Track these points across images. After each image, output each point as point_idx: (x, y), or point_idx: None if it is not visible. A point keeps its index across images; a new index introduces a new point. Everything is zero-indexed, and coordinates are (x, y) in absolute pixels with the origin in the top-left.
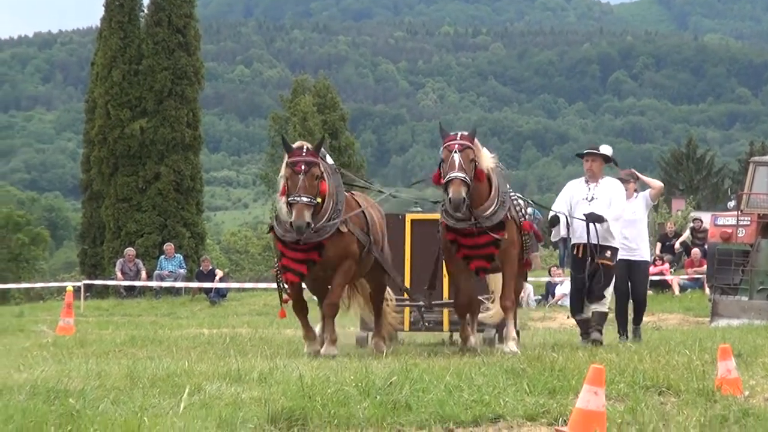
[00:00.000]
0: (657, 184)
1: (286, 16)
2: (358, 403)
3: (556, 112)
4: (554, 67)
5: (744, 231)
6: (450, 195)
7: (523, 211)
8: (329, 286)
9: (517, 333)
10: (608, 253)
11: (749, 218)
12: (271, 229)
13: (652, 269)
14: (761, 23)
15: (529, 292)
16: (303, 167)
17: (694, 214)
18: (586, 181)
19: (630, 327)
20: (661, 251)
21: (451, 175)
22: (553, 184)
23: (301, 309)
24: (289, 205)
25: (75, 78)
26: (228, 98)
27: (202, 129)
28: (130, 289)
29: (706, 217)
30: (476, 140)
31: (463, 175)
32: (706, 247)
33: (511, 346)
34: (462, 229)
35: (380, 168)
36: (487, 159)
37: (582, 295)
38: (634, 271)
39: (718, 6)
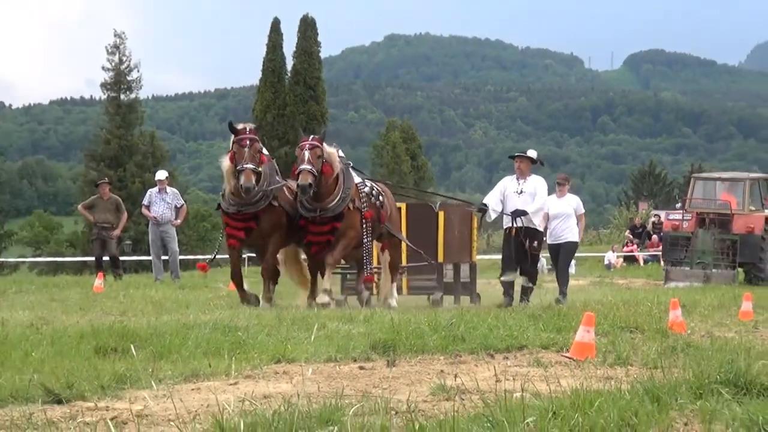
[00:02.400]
0: (581, 228)
1: (382, 78)
2: (429, 336)
3: (562, 143)
4: (560, 113)
5: (687, 223)
6: (299, 182)
7: (377, 200)
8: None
9: (478, 296)
10: (535, 243)
11: (690, 215)
12: (218, 206)
13: (624, 249)
14: (699, 84)
15: (543, 263)
16: (247, 142)
17: (654, 212)
18: (517, 178)
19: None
20: (632, 237)
21: (301, 167)
22: None
23: (239, 279)
24: (238, 172)
25: (241, 119)
26: (343, 133)
27: None
28: None
29: (662, 214)
30: (324, 143)
31: (310, 167)
32: (661, 234)
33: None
34: (309, 218)
35: (444, 180)
36: (336, 159)
37: (508, 263)
38: (561, 250)
39: (670, 73)
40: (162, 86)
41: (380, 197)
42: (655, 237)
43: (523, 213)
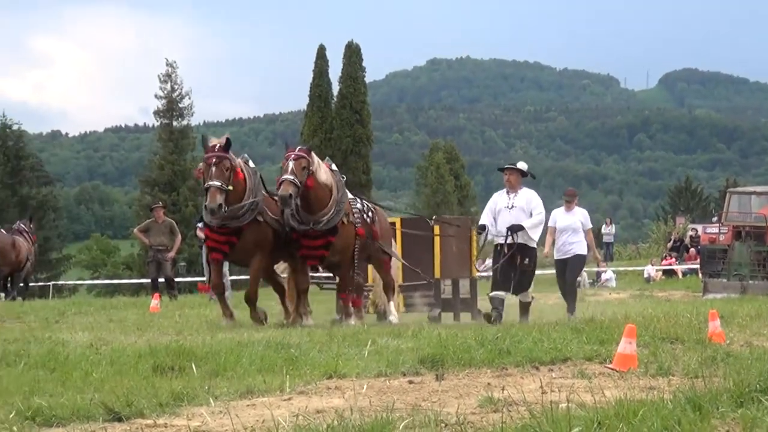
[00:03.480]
0: (594, 252)
1: (425, 101)
2: (476, 350)
3: (600, 161)
4: (598, 132)
5: (723, 236)
6: (279, 192)
7: (368, 216)
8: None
9: (479, 312)
10: (527, 260)
11: (727, 228)
12: (201, 219)
13: (663, 262)
14: (732, 101)
15: (584, 277)
16: (214, 160)
17: (691, 226)
18: (507, 192)
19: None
20: (670, 250)
21: (283, 177)
22: (597, 209)
23: (220, 290)
24: (205, 190)
25: (290, 143)
26: (388, 155)
27: (372, 174)
28: None
29: (699, 228)
30: (313, 154)
31: (292, 177)
32: (699, 247)
33: (351, 321)
34: (303, 231)
35: (487, 198)
36: (326, 172)
37: (498, 280)
38: (568, 264)
39: (704, 91)
40: (213, 113)
41: (370, 213)
42: (692, 250)
43: (520, 228)
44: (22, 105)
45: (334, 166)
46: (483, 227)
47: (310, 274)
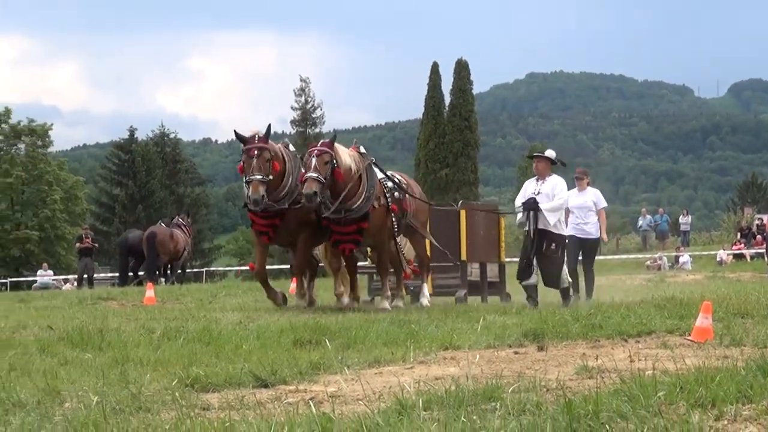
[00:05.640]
0: (602, 233)
1: (524, 110)
2: (572, 325)
3: (677, 160)
4: (675, 135)
5: None
6: (303, 190)
7: (401, 190)
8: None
9: (508, 295)
10: (553, 246)
11: None
12: (245, 204)
13: (733, 247)
14: None
15: (664, 260)
16: (255, 152)
17: (757, 216)
18: (537, 180)
19: (582, 288)
20: (739, 237)
21: (306, 175)
22: (675, 201)
23: (263, 276)
24: (247, 183)
25: (408, 147)
26: (493, 156)
27: (479, 174)
28: None
29: (764, 217)
30: (337, 146)
31: (316, 175)
32: (765, 234)
33: (384, 303)
34: (335, 220)
35: None
36: (352, 160)
37: (526, 267)
38: (584, 245)
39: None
40: (341, 121)
41: (402, 187)
42: (759, 237)
43: (535, 206)
44: (175, 116)
45: (362, 149)
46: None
47: (360, 263)
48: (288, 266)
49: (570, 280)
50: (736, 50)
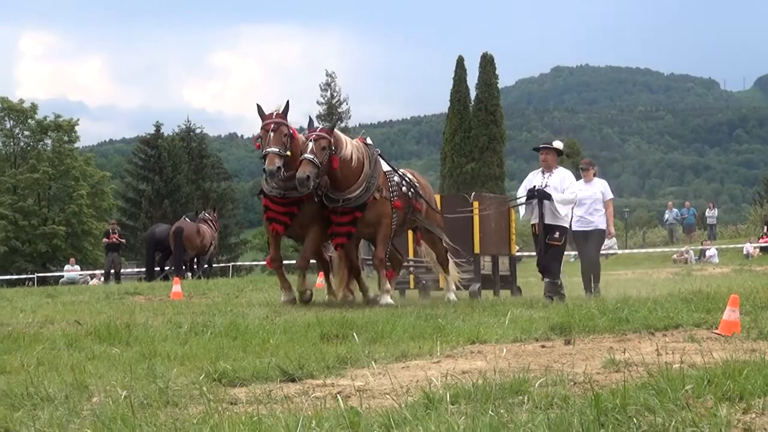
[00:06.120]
0: (610, 225)
1: (550, 104)
2: (599, 319)
3: (703, 153)
4: (701, 128)
5: None
6: (297, 174)
7: (416, 192)
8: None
9: (519, 289)
10: (557, 234)
11: None
12: (261, 191)
13: (760, 240)
14: None
15: (690, 254)
16: (272, 126)
17: None
18: (543, 171)
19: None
20: (767, 231)
21: (302, 156)
22: (701, 195)
23: (278, 264)
24: (263, 157)
25: (433, 141)
26: (518, 150)
27: (505, 168)
28: None
29: None
30: (337, 132)
31: (312, 156)
32: None
33: (386, 298)
34: (333, 209)
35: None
36: (354, 149)
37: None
38: (589, 237)
39: None
40: (367, 116)
41: (413, 188)
42: None
43: (545, 194)
44: (201, 112)
45: (369, 140)
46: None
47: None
48: (313, 261)
49: (562, 281)
50: (763, 43)
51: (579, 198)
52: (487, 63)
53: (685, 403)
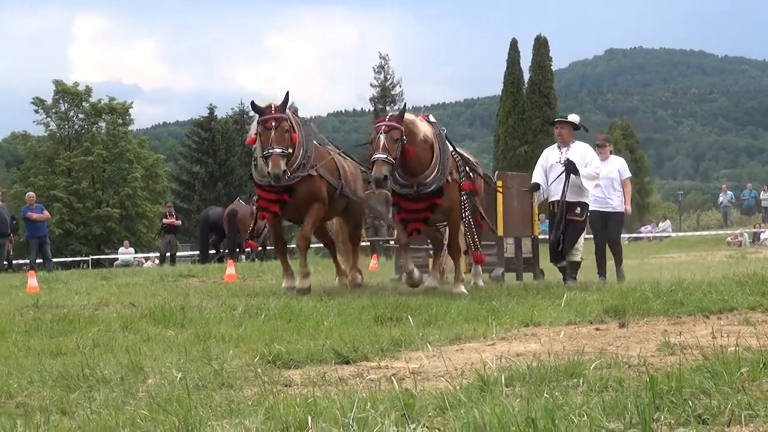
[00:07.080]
0: (627, 204)
1: (604, 86)
2: (653, 301)
3: (758, 135)
4: (756, 111)
5: None
6: (372, 174)
7: (474, 172)
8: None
9: (542, 272)
10: (578, 210)
11: None
12: (251, 176)
13: None
14: None
15: (745, 237)
16: (273, 123)
17: None
18: (559, 147)
19: (614, 268)
20: None
21: (375, 156)
22: (756, 177)
23: (281, 249)
24: (265, 158)
25: (487, 124)
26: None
27: None
28: None
29: None
30: (408, 116)
31: (385, 156)
32: None
33: (460, 287)
34: (405, 195)
35: (658, 170)
36: (424, 130)
37: (557, 248)
38: (609, 220)
39: None
40: (420, 98)
41: (474, 167)
42: None
43: (574, 168)
44: (255, 94)
45: (432, 118)
46: (537, 186)
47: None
48: (365, 244)
49: (583, 257)
50: None
51: None
52: (541, 45)
53: (741, 386)
